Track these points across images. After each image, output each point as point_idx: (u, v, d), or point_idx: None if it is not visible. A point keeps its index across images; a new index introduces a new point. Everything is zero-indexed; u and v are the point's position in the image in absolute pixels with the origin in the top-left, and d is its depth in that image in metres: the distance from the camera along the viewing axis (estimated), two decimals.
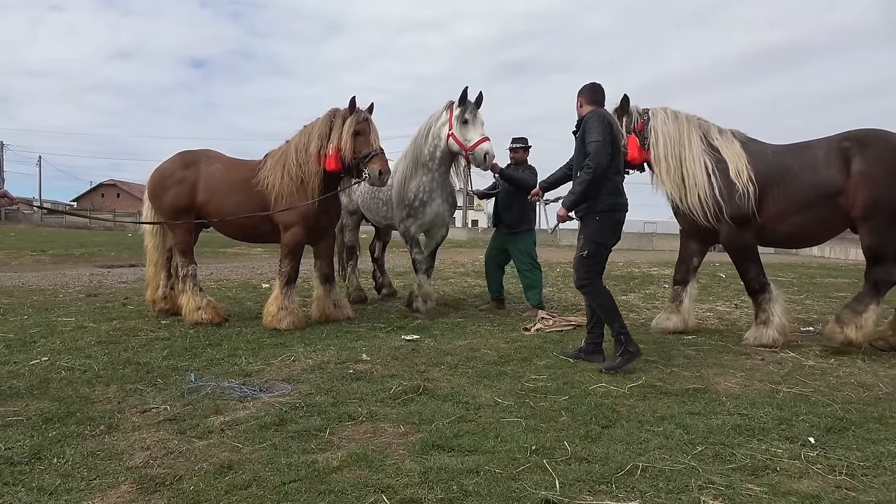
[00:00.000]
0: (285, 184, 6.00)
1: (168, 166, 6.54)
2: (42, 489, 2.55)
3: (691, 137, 5.74)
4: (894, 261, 5.13)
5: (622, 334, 4.54)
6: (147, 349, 5.10)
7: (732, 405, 3.71)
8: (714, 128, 5.88)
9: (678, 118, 5.85)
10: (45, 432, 3.17)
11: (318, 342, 5.43)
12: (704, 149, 5.71)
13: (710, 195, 5.54)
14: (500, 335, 5.96)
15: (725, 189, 5.54)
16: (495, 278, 7.76)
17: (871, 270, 5.23)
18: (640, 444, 3.10)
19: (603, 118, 4.67)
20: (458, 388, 4.06)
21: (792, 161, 5.56)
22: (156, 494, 2.53)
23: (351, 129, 5.80)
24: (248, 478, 2.66)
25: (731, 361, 4.93)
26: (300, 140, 6.09)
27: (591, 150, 4.56)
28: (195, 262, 6.51)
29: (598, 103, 4.89)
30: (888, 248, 5.14)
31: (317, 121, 6.11)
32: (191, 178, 6.35)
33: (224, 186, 6.31)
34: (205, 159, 6.53)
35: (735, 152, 5.63)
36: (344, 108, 5.95)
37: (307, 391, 3.94)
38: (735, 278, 12.85)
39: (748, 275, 5.69)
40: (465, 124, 6.35)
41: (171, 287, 6.65)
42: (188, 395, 3.81)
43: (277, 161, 6.15)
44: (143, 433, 3.20)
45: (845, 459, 2.91)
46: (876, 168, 5.12)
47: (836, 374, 4.53)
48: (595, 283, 4.73)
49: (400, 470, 2.75)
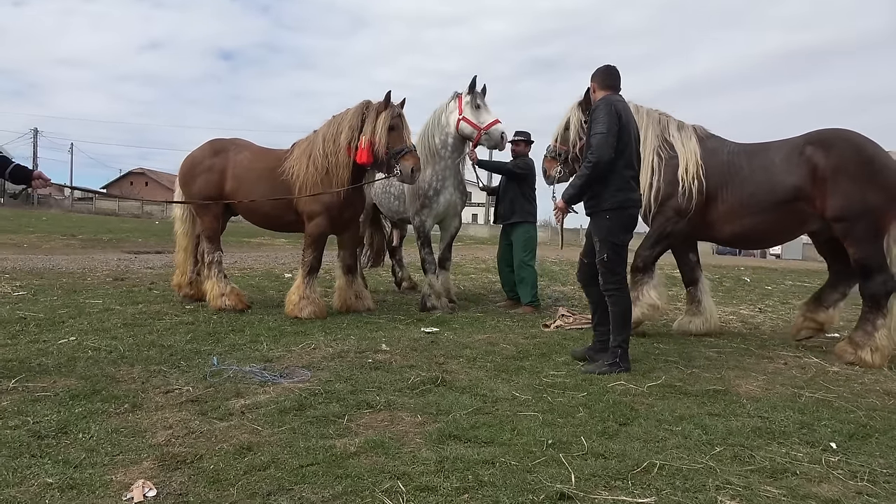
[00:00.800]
0: (310, 174, 6.03)
1: (198, 154, 6.66)
2: (68, 462, 2.61)
3: (648, 134, 5.70)
4: (881, 270, 4.93)
5: (622, 348, 4.39)
6: (171, 332, 5.20)
7: (753, 408, 3.67)
8: (674, 123, 5.83)
9: (639, 112, 5.77)
10: (72, 408, 3.25)
11: (338, 331, 5.48)
12: (658, 145, 5.68)
13: (646, 195, 5.54)
14: (519, 331, 5.95)
15: (665, 188, 5.54)
16: (507, 275, 7.64)
17: (864, 286, 5.05)
18: (658, 442, 3.08)
19: (611, 107, 4.35)
20: (476, 380, 4.07)
21: (745, 162, 5.46)
22: (177, 472, 2.58)
23: (386, 123, 5.78)
24: (266, 459, 2.70)
25: (752, 364, 4.86)
26: (328, 130, 6.10)
27: (594, 142, 4.31)
28: (221, 249, 6.61)
29: (611, 88, 4.57)
30: (873, 260, 4.94)
31: (347, 111, 6.11)
32: (219, 166, 6.45)
33: (251, 175, 6.38)
34: (234, 148, 6.63)
35: (690, 149, 5.57)
36: (377, 102, 5.94)
37: (327, 378, 3.98)
38: (760, 282, 12.70)
39: (642, 251, 5.73)
40: (477, 108, 6.54)
41: (197, 273, 6.75)
42: (210, 378, 3.88)
43: (304, 151, 6.19)
44: (166, 413, 3.26)
45: (867, 466, 2.85)
46: (841, 172, 4.94)
47: (861, 381, 4.45)
48: (621, 289, 4.48)
49: (416, 458, 2.77)
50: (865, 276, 5.02)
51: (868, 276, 4.99)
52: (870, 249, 4.94)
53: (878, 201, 4.84)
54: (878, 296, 4.95)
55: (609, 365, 4.33)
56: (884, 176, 4.88)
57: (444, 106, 6.82)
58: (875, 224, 4.90)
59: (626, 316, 4.48)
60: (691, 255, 6.09)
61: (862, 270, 5.03)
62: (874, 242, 4.93)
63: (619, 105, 4.41)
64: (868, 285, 5.00)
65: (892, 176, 4.92)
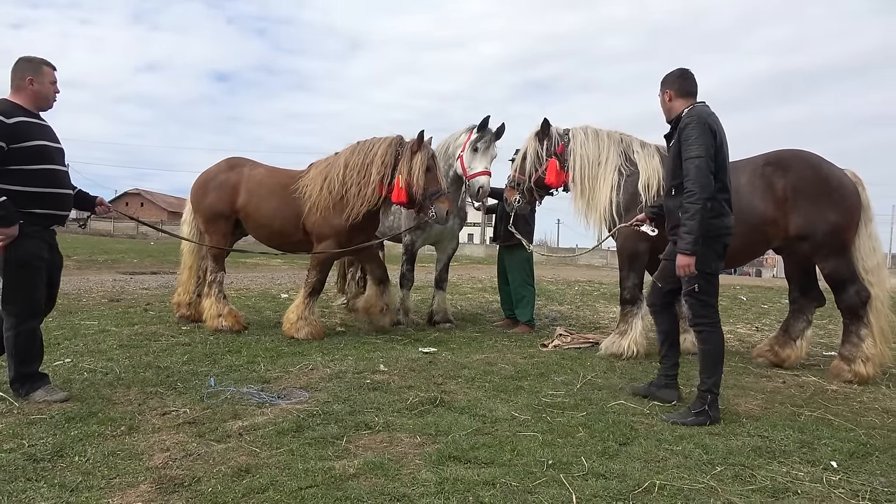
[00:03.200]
0: (323, 196, 5.97)
1: (213, 169, 6.67)
2: (63, 486, 2.58)
3: (609, 155, 5.79)
4: (853, 281, 5.05)
5: (712, 393, 3.76)
6: (168, 354, 5.16)
7: (753, 427, 3.66)
8: (636, 142, 5.93)
9: (598, 136, 5.90)
10: (68, 431, 3.22)
11: (336, 352, 5.46)
12: (621, 164, 5.76)
13: (608, 211, 5.63)
14: (517, 350, 5.94)
15: (626, 203, 5.62)
16: (508, 294, 7.63)
17: (839, 299, 5.15)
18: (659, 462, 3.06)
19: (705, 124, 3.74)
20: (475, 401, 4.05)
21: None
22: (174, 495, 2.55)
23: (423, 164, 5.76)
24: (265, 482, 2.67)
25: (751, 383, 4.86)
26: (354, 158, 5.99)
27: (692, 171, 3.67)
28: (224, 269, 6.59)
29: (691, 95, 3.98)
30: (843, 273, 5.06)
31: (375, 142, 6.02)
32: (233, 181, 6.44)
33: (263, 190, 6.35)
34: (249, 164, 6.64)
35: (652, 166, 5.65)
36: (411, 140, 5.90)
37: (325, 399, 3.95)
38: (756, 300, 12.73)
39: (625, 283, 5.76)
40: (474, 152, 6.45)
41: (197, 295, 6.72)
42: (207, 400, 3.85)
43: (320, 172, 6.13)
44: (163, 435, 3.23)
45: (868, 484, 2.85)
46: (800, 192, 5.07)
47: (860, 400, 4.45)
48: (714, 324, 3.86)
49: (416, 479, 2.75)
50: (839, 289, 5.13)
51: (841, 288, 5.11)
52: (838, 263, 5.08)
53: (838, 218, 4.98)
54: (855, 306, 5.06)
55: (696, 414, 3.72)
56: (840, 193, 5.04)
57: (457, 134, 6.73)
58: (839, 239, 5.05)
59: (718, 355, 3.86)
60: None
61: (834, 284, 5.16)
62: (841, 256, 5.08)
63: (711, 119, 3.81)
64: (843, 298, 5.11)
65: (847, 193, 5.10)
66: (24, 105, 3.75)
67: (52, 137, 3.87)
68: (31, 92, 3.78)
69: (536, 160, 6.03)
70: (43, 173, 3.73)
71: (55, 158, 3.83)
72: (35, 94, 3.79)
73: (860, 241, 5.15)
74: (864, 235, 5.16)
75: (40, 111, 3.87)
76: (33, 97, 3.79)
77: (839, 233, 5.04)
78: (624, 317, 5.79)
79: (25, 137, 3.65)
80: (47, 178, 3.75)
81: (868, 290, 5.05)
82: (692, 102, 3.94)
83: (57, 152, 3.87)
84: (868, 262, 5.13)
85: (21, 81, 3.75)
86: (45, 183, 3.73)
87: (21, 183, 3.63)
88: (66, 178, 3.94)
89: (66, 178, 3.94)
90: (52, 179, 3.79)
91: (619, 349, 5.64)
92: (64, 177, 3.91)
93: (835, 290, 5.19)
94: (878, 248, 5.24)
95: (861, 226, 5.16)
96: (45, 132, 3.83)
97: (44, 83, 3.81)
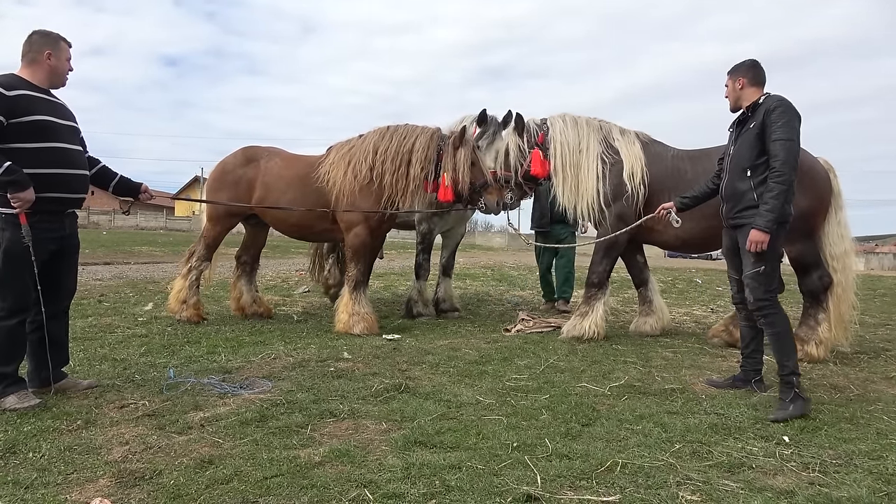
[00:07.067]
0: (348, 181, 5.77)
1: (230, 161, 6.39)
2: (18, 483, 2.50)
3: (590, 142, 5.84)
4: (817, 267, 5.20)
5: (795, 375, 3.68)
6: (124, 346, 5.04)
7: (709, 405, 3.77)
8: (616, 128, 6.00)
9: (577, 124, 5.95)
10: (20, 427, 3.11)
11: (298, 340, 5.41)
12: (602, 151, 5.83)
13: (596, 201, 5.71)
14: (480, 335, 5.98)
15: (612, 192, 5.70)
16: (548, 278, 8.40)
17: (802, 283, 5.31)
18: (620, 441, 3.14)
19: (794, 110, 3.81)
20: (440, 386, 4.07)
21: (689, 167, 5.65)
22: (135, 488, 2.50)
23: (468, 160, 5.61)
24: (228, 472, 2.64)
25: (708, 363, 5.01)
26: (385, 144, 5.80)
27: (782, 152, 3.72)
28: (209, 260, 6.41)
29: (762, 84, 4.06)
30: (808, 258, 5.21)
31: (412, 133, 5.81)
32: (249, 176, 6.20)
33: (281, 184, 6.11)
34: (266, 155, 6.36)
35: (634, 154, 5.74)
36: (451, 133, 5.75)
37: (288, 388, 3.92)
38: (711, 283, 13.07)
39: (596, 267, 5.87)
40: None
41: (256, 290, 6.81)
42: (167, 392, 3.77)
43: (342, 156, 5.92)
44: (122, 428, 3.16)
45: (818, 457, 2.97)
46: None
47: (809, 377, 4.62)
48: (776, 305, 3.86)
49: (382, 465, 2.75)
50: (803, 273, 5.28)
51: (805, 272, 5.26)
52: (804, 248, 5.19)
53: (807, 203, 5.04)
54: (817, 291, 5.22)
55: (791, 401, 3.61)
56: (810, 178, 5.10)
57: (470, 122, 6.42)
58: (806, 224, 5.12)
59: (789, 334, 3.87)
60: (638, 256, 6.31)
61: (798, 268, 5.30)
62: (807, 241, 5.19)
63: (795, 108, 3.87)
64: (805, 282, 5.27)
65: (818, 178, 5.21)
66: (34, 80, 3.53)
67: (63, 114, 3.63)
68: (48, 67, 3.57)
69: (519, 154, 6.00)
70: (47, 152, 3.47)
71: (64, 136, 3.58)
72: (52, 69, 3.59)
73: (829, 227, 5.25)
74: (832, 222, 5.26)
75: (53, 88, 3.66)
76: (49, 73, 3.59)
77: (807, 218, 5.06)
78: (587, 299, 5.87)
79: (25, 112, 3.39)
80: (53, 157, 3.49)
81: (831, 277, 5.18)
82: (763, 92, 4.02)
83: (67, 130, 3.63)
84: (835, 248, 5.23)
85: (38, 55, 3.54)
86: (50, 163, 3.47)
87: (23, 164, 3.34)
88: (77, 158, 3.67)
89: (77, 157, 3.67)
90: (60, 159, 3.53)
91: (580, 331, 5.73)
92: (75, 156, 3.65)
93: (798, 274, 5.32)
94: (846, 235, 5.30)
95: (831, 212, 5.25)
96: (54, 108, 3.58)
97: (61, 59, 3.61)
